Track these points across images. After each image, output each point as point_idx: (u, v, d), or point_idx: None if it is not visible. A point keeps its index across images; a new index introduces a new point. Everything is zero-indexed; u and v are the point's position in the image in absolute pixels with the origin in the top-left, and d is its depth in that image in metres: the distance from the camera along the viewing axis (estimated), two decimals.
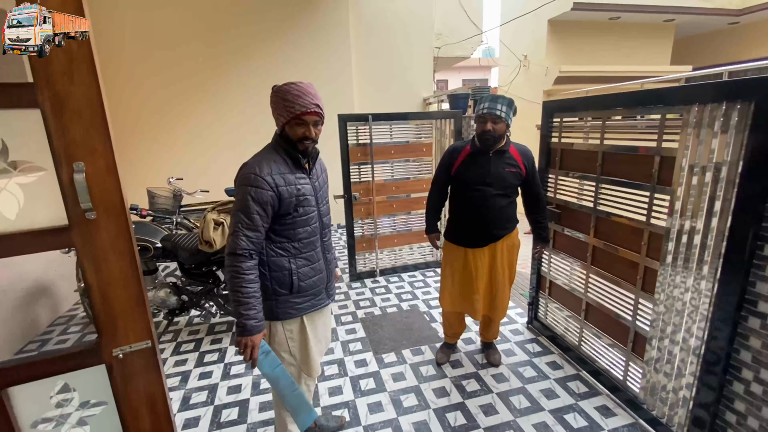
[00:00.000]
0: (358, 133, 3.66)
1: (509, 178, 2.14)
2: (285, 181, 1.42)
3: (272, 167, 1.40)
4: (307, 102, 1.38)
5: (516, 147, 2.19)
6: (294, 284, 1.52)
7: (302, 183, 1.48)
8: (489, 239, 2.22)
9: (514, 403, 2.20)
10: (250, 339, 1.39)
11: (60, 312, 3.37)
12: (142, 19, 4.64)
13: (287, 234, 1.49)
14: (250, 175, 1.37)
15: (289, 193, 1.42)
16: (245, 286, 1.38)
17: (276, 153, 1.46)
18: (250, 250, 1.38)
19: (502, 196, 2.15)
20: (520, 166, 2.16)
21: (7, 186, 1.02)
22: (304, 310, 1.58)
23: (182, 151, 5.09)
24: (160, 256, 2.87)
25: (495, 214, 2.16)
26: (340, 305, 3.47)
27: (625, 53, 7.95)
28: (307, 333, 1.60)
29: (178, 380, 2.47)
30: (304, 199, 1.48)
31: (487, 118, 2.03)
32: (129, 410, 1.24)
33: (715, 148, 1.56)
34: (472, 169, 2.16)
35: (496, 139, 2.07)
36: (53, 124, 0.98)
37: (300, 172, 1.49)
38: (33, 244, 1.05)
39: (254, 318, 1.39)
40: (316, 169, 1.60)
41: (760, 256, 1.48)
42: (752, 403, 1.56)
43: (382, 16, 5.60)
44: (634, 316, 2.05)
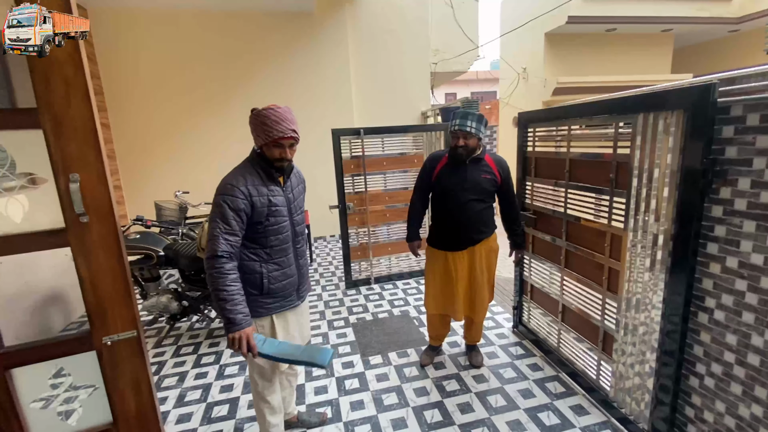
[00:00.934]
0: (351, 146, 3.84)
1: (484, 184, 2.27)
2: (258, 192, 1.56)
3: (247, 179, 1.55)
4: (284, 128, 1.53)
5: (491, 156, 2.34)
6: (264, 286, 1.64)
7: (274, 195, 1.62)
8: (467, 242, 2.33)
9: (490, 402, 2.28)
10: (242, 332, 1.46)
11: (72, 318, 3.59)
12: (153, 45, 4.98)
13: (260, 241, 1.63)
14: (227, 185, 1.52)
15: (261, 203, 1.57)
16: (229, 284, 1.48)
17: (252, 167, 1.61)
18: (230, 252, 1.51)
19: (478, 201, 2.28)
20: (495, 174, 2.30)
21: (14, 195, 1.21)
22: (273, 309, 1.70)
23: (189, 166, 5.37)
24: (163, 264, 3.07)
25: (471, 217, 2.29)
26: (333, 311, 3.60)
27: (625, 63, 8.04)
28: (276, 331, 1.72)
29: (176, 380, 2.63)
30: (276, 210, 1.62)
31: (458, 135, 2.19)
32: (116, 393, 1.39)
33: (661, 153, 1.66)
34: (450, 176, 2.30)
35: (468, 152, 2.23)
36: (53, 141, 1.16)
37: (273, 185, 1.63)
38: (35, 244, 1.23)
39: (242, 312, 1.48)
40: (292, 181, 1.73)
41: (703, 254, 1.57)
42: (706, 397, 1.62)
43: (380, 34, 5.86)
44: (602, 315, 2.13)
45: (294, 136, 1.57)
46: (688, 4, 7.14)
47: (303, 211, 1.82)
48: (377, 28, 5.83)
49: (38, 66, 1.11)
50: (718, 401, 1.58)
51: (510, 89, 8.89)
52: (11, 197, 1.21)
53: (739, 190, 1.42)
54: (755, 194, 1.37)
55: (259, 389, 1.77)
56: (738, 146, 1.41)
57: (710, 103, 1.42)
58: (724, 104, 1.42)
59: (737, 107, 1.39)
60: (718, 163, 1.47)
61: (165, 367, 2.79)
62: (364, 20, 5.77)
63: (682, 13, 7.02)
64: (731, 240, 1.46)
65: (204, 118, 5.33)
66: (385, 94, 6.03)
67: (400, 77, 6.03)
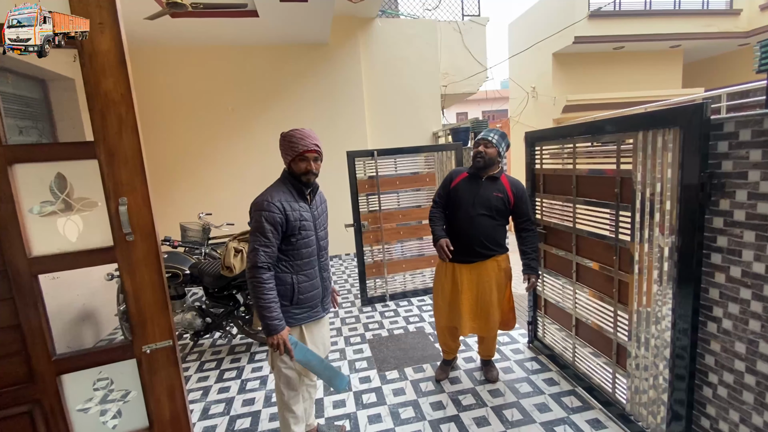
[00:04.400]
0: (366, 167, 4.00)
1: (494, 202, 2.36)
2: (291, 207, 1.74)
3: (281, 196, 1.74)
4: (307, 143, 1.74)
5: (508, 178, 2.45)
6: (294, 296, 1.80)
7: (303, 211, 1.80)
8: (474, 255, 2.40)
9: (506, 415, 2.30)
10: (278, 336, 1.67)
11: (102, 335, 3.76)
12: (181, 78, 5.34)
13: (291, 254, 1.79)
14: (263, 202, 1.70)
15: (294, 217, 1.74)
16: (266, 293, 1.66)
17: (283, 185, 1.80)
18: (267, 263, 1.69)
19: (488, 216, 2.37)
20: (508, 194, 2.39)
21: (71, 217, 1.38)
22: (302, 320, 1.84)
23: (212, 189, 5.63)
24: (188, 282, 3.23)
25: (480, 231, 2.37)
26: (350, 328, 3.67)
27: (634, 79, 8.11)
28: (305, 340, 1.85)
29: (200, 394, 2.73)
30: (305, 224, 1.80)
31: (480, 143, 2.37)
32: (153, 399, 1.50)
33: (661, 169, 1.74)
34: (465, 189, 2.43)
35: (486, 161, 2.34)
36: (106, 170, 1.33)
37: (302, 202, 1.82)
38: (87, 260, 1.38)
39: (277, 318, 1.67)
40: (316, 200, 1.92)
41: (708, 264, 1.62)
42: (721, 407, 1.64)
43: (392, 61, 6.12)
44: (614, 327, 2.16)
45: (317, 150, 1.76)
46: (696, 21, 7.23)
47: (326, 228, 1.97)
48: (389, 55, 6.10)
49: (96, 105, 1.29)
50: (732, 411, 1.59)
51: (520, 108, 9.03)
52: (68, 219, 1.37)
53: (737, 201, 1.48)
54: (752, 205, 1.43)
55: (285, 399, 1.87)
56: (733, 160, 1.48)
57: (703, 120, 1.51)
58: (717, 121, 1.51)
59: (730, 124, 1.47)
60: (716, 176, 1.54)
61: (189, 381, 2.90)
62: (376, 48, 6.06)
63: (689, 30, 7.11)
64: (733, 250, 1.51)
65: (226, 144, 5.61)
66: (397, 116, 6.24)
67: (411, 100, 6.25)
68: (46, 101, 3.84)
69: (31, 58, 3.44)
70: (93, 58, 1.25)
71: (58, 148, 1.38)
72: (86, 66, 1.25)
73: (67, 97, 3.90)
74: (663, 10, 7.35)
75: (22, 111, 3.52)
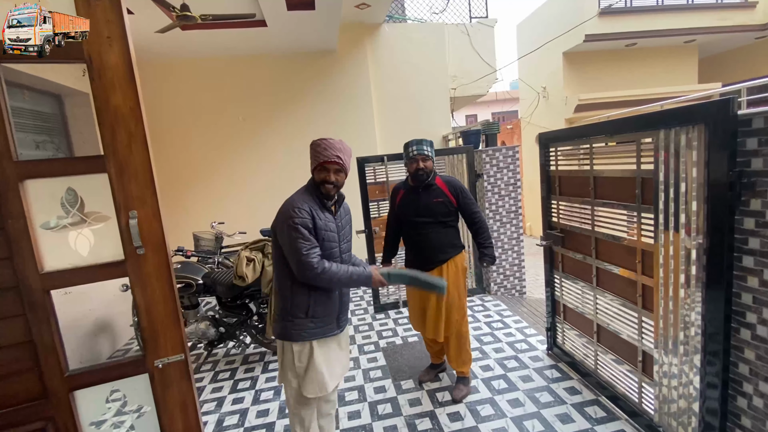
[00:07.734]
0: (376, 172, 3.97)
1: (436, 209, 2.42)
2: (317, 215, 1.72)
3: (307, 202, 1.72)
4: (329, 154, 1.71)
5: (442, 179, 2.49)
6: (310, 308, 1.75)
7: (329, 221, 1.78)
8: (432, 263, 2.44)
9: (527, 427, 2.22)
10: (374, 283, 1.79)
11: (117, 346, 3.79)
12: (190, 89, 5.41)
13: None
14: (293, 209, 1.68)
15: (320, 225, 1.72)
16: (341, 276, 1.69)
17: (309, 194, 1.77)
18: (319, 258, 1.67)
19: (435, 223, 2.43)
20: (448, 196, 2.43)
21: (82, 231, 1.37)
22: (314, 335, 1.77)
23: (224, 198, 5.67)
24: (202, 292, 3.23)
25: (432, 240, 2.43)
26: (363, 335, 3.63)
27: (649, 76, 7.94)
28: (314, 356, 1.76)
29: (214, 405, 2.72)
30: (330, 234, 1.77)
31: (417, 158, 2.38)
32: (166, 414, 1.48)
33: (686, 168, 1.66)
34: (407, 205, 2.49)
35: (428, 174, 2.39)
36: (116, 183, 1.32)
37: (327, 212, 1.79)
38: (99, 275, 1.37)
39: (363, 275, 1.75)
40: (341, 212, 1.88)
41: (739, 267, 1.53)
42: (757, 418, 1.54)
43: (400, 65, 6.10)
44: (639, 334, 2.07)
45: (338, 162, 1.72)
46: (710, 14, 7.05)
47: (350, 240, 1.94)
48: (397, 59, 6.08)
49: (106, 120, 1.28)
50: None
51: (531, 108, 8.92)
52: (80, 233, 1.36)
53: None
54: None
55: (296, 412, 1.83)
56: (764, 158, 1.40)
57: (730, 116, 1.44)
58: (744, 117, 1.43)
59: (759, 119, 1.40)
60: (745, 175, 1.46)
61: (204, 392, 2.89)
62: (384, 53, 6.05)
63: (703, 24, 6.94)
64: (767, 252, 1.43)
65: (236, 153, 5.65)
66: (406, 121, 6.21)
67: (420, 104, 6.21)
68: (62, 116, 3.92)
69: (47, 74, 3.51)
70: (102, 72, 1.25)
71: (69, 163, 1.38)
72: (95, 80, 1.25)
73: (82, 112, 3.98)
74: (676, 4, 7.18)
75: (39, 126, 3.59)
